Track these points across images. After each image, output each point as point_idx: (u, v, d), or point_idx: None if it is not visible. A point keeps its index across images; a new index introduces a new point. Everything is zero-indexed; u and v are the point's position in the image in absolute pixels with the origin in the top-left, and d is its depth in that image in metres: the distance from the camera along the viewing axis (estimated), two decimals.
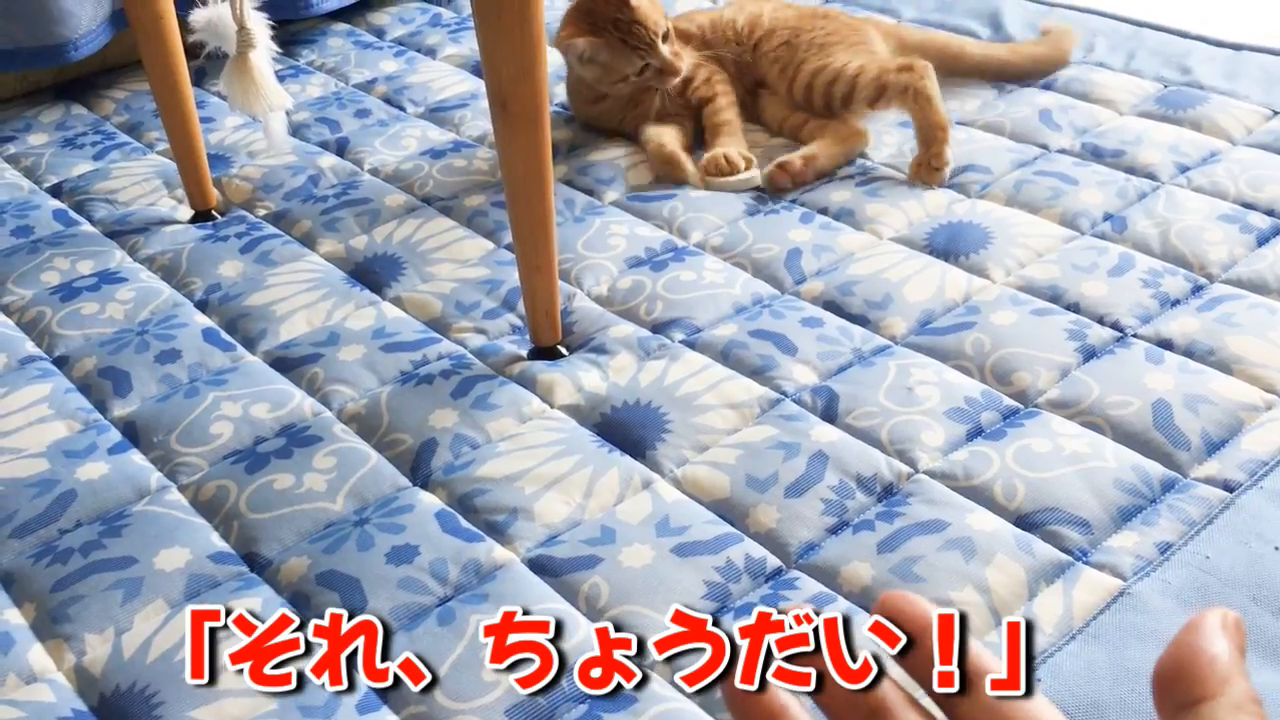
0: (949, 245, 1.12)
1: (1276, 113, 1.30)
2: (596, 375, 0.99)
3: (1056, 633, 0.73)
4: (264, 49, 1.08)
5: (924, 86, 1.23)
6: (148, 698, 0.73)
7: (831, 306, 1.06)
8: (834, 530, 0.82)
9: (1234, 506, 0.81)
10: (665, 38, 1.28)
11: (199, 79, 1.55)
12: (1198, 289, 1.04)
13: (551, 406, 0.96)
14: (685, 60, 1.30)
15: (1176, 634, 0.32)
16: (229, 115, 1.48)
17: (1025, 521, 0.82)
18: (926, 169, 1.22)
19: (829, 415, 0.93)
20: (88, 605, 0.80)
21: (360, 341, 1.05)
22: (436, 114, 1.46)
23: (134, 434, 0.97)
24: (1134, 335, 0.99)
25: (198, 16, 1.09)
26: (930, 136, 1.22)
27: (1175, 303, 1.02)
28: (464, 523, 0.85)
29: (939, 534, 0.80)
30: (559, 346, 1.03)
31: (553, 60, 1.57)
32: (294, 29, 1.70)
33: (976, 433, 0.90)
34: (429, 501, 0.87)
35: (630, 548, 0.81)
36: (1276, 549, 0.77)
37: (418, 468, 0.91)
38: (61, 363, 1.06)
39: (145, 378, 1.03)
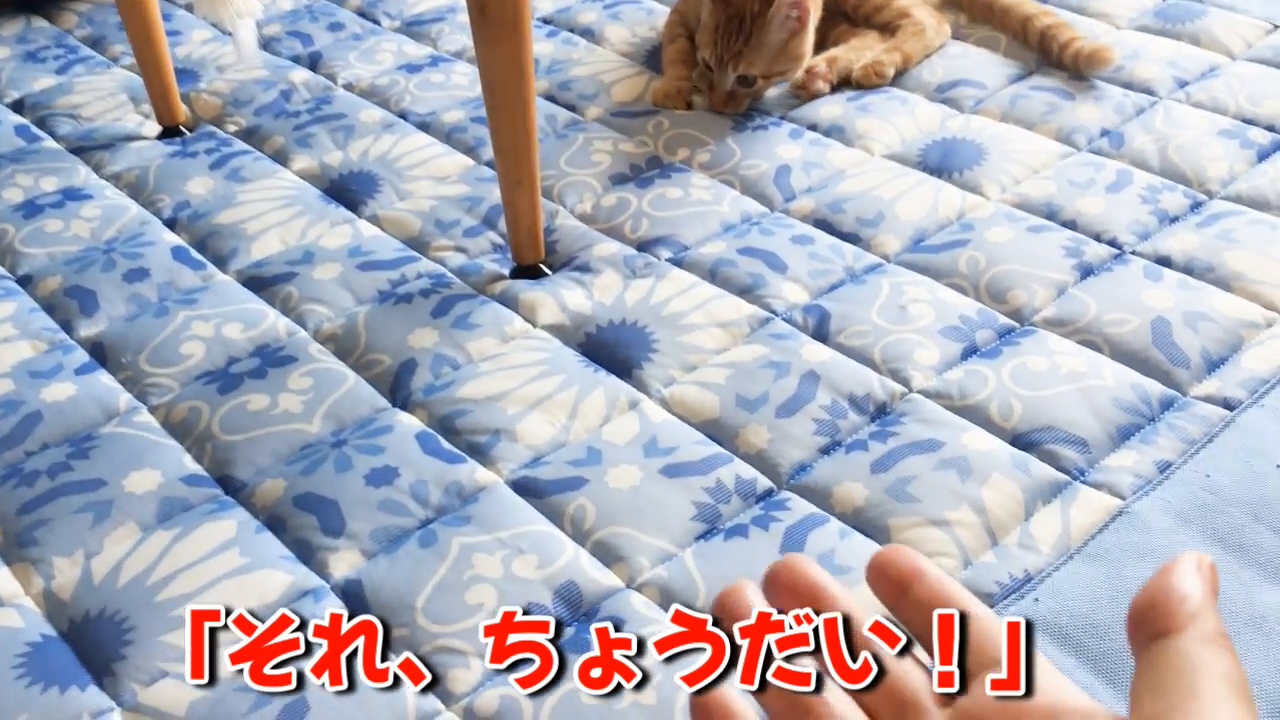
0: (942, 162, 1.09)
1: (1277, 26, 1.26)
2: (581, 294, 0.96)
3: (1054, 552, 0.72)
4: None
5: (924, 31, 1.25)
6: (118, 623, 0.71)
7: (822, 224, 1.03)
8: (826, 450, 0.80)
9: (1234, 425, 0.79)
10: (749, 80, 1.15)
11: None
12: (1197, 205, 1.01)
13: (535, 326, 0.93)
14: (741, 106, 1.17)
15: (1152, 575, 0.33)
16: (196, 28, 1.43)
17: (1022, 441, 0.80)
18: (869, 70, 1.22)
19: (820, 334, 0.90)
20: (55, 529, 0.77)
21: (336, 260, 1.02)
22: (412, 28, 1.41)
23: (102, 354, 0.93)
24: (1132, 252, 0.96)
25: None
26: (895, 52, 1.24)
27: (1174, 219, 1.00)
28: (445, 444, 0.83)
29: (934, 454, 0.78)
30: (541, 265, 1.00)
31: None
32: None
33: (971, 351, 0.88)
34: (409, 423, 0.85)
35: (617, 469, 0.79)
36: (1277, 467, 0.76)
37: (397, 388, 0.88)
38: (25, 281, 1.02)
39: (113, 297, 0.99)
